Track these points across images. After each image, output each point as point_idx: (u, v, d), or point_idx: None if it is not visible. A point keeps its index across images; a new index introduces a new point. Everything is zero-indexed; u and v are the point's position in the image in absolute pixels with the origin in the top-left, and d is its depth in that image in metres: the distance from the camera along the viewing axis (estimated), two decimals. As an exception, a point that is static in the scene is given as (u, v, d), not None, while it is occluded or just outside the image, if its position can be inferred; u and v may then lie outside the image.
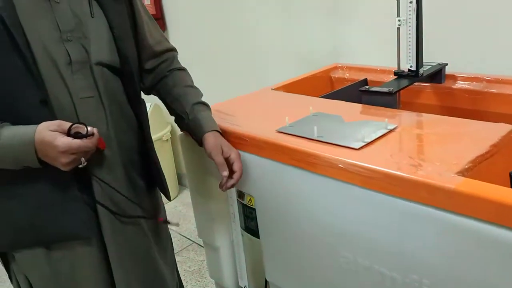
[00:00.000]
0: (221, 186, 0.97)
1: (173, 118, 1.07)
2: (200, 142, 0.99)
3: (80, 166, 0.81)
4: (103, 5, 0.87)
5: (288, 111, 1.11)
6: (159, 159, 1.04)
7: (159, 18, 2.28)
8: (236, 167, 0.96)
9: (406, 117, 1.01)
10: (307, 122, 1.02)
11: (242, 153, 1.00)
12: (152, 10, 2.21)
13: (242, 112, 1.16)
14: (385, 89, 1.09)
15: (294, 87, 1.42)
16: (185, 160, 1.20)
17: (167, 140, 2.48)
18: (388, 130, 0.92)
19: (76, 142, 0.78)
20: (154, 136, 2.34)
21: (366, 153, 0.84)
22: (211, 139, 0.97)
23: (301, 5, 1.74)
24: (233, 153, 0.97)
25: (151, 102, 2.42)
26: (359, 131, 0.91)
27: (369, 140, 0.88)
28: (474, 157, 0.77)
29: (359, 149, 0.85)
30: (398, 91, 1.12)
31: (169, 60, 1.08)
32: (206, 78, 2.23)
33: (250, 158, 1.00)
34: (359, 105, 1.13)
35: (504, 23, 1.25)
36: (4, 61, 0.77)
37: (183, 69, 1.10)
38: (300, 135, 0.95)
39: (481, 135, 0.85)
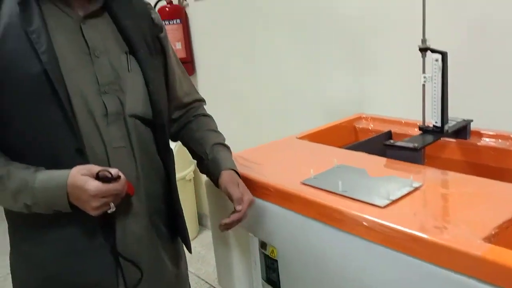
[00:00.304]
0: (223, 224, 0.95)
1: None
2: (216, 181, 1.01)
3: (109, 211, 0.84)
4: (140, 60, 0.91)
5: (313, 162, 1.13)
6: (181, 198, 1.06)
7: (189, 61, 2.37)
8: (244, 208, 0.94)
9: (431, 175, 1.02)
10: (332, 175, 1.03)
11: (266, 203, 1.01)
12: (182, 54, 2.30)
13: (267, 161, 1.19)
14: (410, 145, 1.10)
15: (319, 136, 1.44)
16: (210, 204, 1.22)
17: (190, 180, 2.52)
18: (413, 188, 0.92)
19: (106, 185, 0.81)
20: (177, 175, 2.41)
21: (391, 212, 0.85)
22: (228, 176, 0.99)
23: (327, 56, 1.79)
24: (247, 196, 0.96)
25: (176, 143, 2.48)
26: (384, 187, 0.92)
27: (394, 198, 0.88)
28: (501, 222, 0.76)
29: (384, 207, 0.86)
30: (423, 147, 1.13)
31: (195, 108, 1.13)
32: (232, 122, 2.28)
33: (274, 208, 1.01)
34: (384, 159, 1.13)
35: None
36: (45, 112, 0.82)
37: (208, 116, 1.15)
38: (324, 188, 0.96)
39: (507, 198, 0.85)
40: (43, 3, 0.85)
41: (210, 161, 1.04)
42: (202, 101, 1.15)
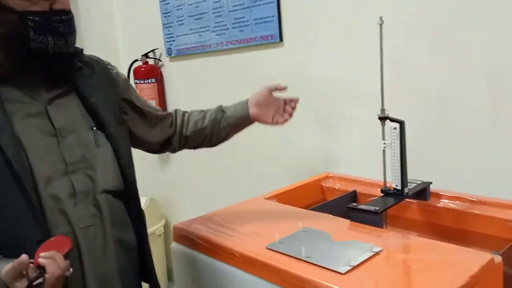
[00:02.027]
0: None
1: (168, 210, 1.12)
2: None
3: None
4: (110, 135, 0.94)
5: (279, 224, 1.15)
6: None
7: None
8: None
9: (391, 239, 1.05)
10: (296, 239, 1.05)
11: (232, 268, 1.02)
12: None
13: (234, 223, 1.20)
14: (371, 208, 1.15)
15: (287, 196, 1.48)
16: (176, 272, 1.21)
17: (159, 235, 2.49)
18: (373, 253, 0.96)
19: None
20: (148, 231, 2.38)
21: (351, 278, 0.87)
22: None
23: (298, 118, 1.86)
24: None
25: (147, 197, 2.47)
26: (345, 252, 0.95)
27: (355, 264, 0.91)
28: (454, 290, 0.80)
29: (345, 273, 0.88)
30: (385, 210, 1.17)
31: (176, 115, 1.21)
32: (203, 180, 2.30)
33: (240, 274, 1.02)
34: (347, 222, 1.17)
35: (483, 146, 1.34)
36: (9, 201, 0.82)
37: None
38: (288, 253, 0.98)
39: (462, 265, 0.88)
40: (5, 89, 0.85)
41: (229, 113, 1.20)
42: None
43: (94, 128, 0.93)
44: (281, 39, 1.79)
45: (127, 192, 0.95)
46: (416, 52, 1.44)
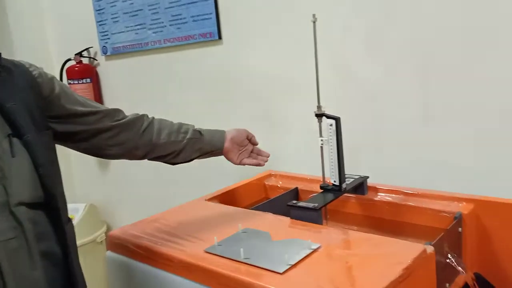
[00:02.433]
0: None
1: (109, 216, 1.06)
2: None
3: None
4: (28, 143, 0.87)
5: (219, 227, 1.13)
6: (91, 261, 1.00)
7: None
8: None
9: (329, 235, 1.06)
10: (236, 241, 1.03)
11: (170, 275, 0.99)
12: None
13: (173, 228, 1.17)
14: (310, 205, 1.15)
15: (229, 196, 1.46)
16: (112, 282, 1.15)
17: (101, 242, 2.39)
18: (312, 250, 0.96)
19: None
20: (88, 238, 2.28)
21: (289, 277, 0.86)
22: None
23: (240, 115, 1.84)
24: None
25: (86, 203, 2.36)
26: (284, 251, 0.94)
27: (293, 263, 0.90)
28: (388, 283, 0.81)
29: (283, 273, 0.87)
30: (323, 206, 1.18)
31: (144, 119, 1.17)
32: (143, 182, 2.23)
33: (178, 280, 0.98)
34: (288, 219, 1.17)
35: (416, 140, 1.39)
36: None
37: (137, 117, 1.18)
38: (227, 256, 0.96)
39: (396, 258, 0.90)
40: None
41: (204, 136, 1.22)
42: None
43: (10, 135, 0.85)
44: (220, 37, 1.77)
45: (48, 203, 0.88)
46: (351, 49, 1.47)
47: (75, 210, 2.30)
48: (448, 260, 1.08)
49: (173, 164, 1.23)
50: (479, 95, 1.25)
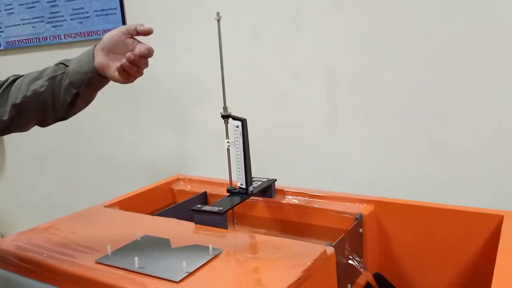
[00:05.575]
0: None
1: (4, 225, 0.93)
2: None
3: None
4: None
5: (114, 235, 1.05)
6: None
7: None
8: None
9: (233, 239, 1.03)
10: (131, 249, 0.96)
11: (55, 290, 0.89)
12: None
13: (64, 237, 1.06)
14: (215, 209, 1.11)
15: (132, 202, 1.37)
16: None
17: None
18: (213, 256, 0.91)
19: None
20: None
21: (185, 286, 0.81)
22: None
23: (148, 117, 1.76)
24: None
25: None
26: (183, 258, 0.89)
27: (191, 270, 0.85)
28: (287, 286, 0.79)
29: (179, 281, 0.82)
30: (228, 210, 1.14)
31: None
32: (42, 190, 2.05)
33: (64, 295, 0.89)
34: (192, 225, 1.11)
35: (322, 143, 1.41)
36: None
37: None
38: (120, 266, 0.88)
39: (297, 260, 0.89)
40: None
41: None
42: None
43: None
44: (126, 34, 1.67)
45: None
46: (263, 53, 1.46)
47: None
48: (349, 261, 1.10)
49: (64, 118, 0.96)
50: (380, 104, 1.30)
